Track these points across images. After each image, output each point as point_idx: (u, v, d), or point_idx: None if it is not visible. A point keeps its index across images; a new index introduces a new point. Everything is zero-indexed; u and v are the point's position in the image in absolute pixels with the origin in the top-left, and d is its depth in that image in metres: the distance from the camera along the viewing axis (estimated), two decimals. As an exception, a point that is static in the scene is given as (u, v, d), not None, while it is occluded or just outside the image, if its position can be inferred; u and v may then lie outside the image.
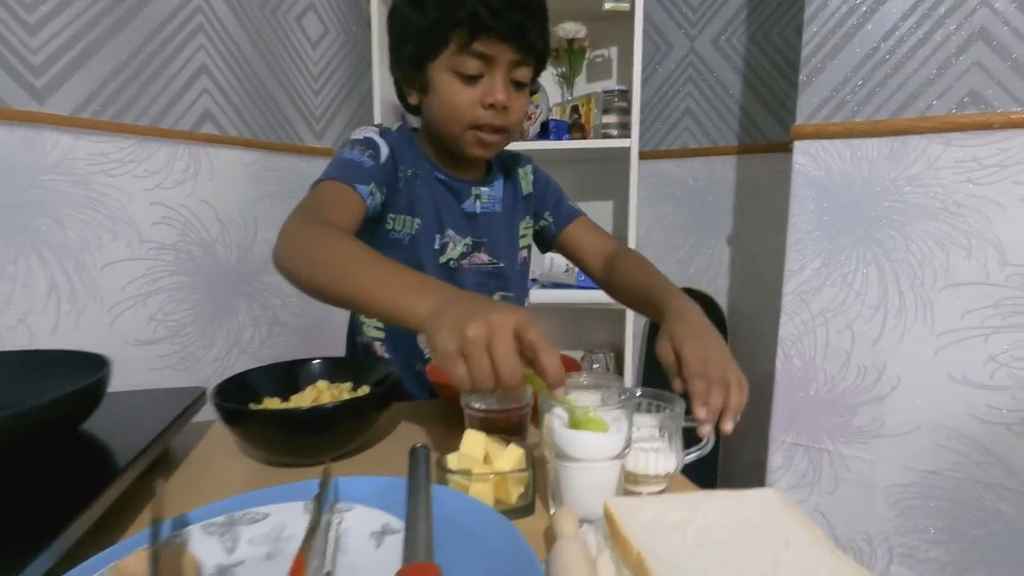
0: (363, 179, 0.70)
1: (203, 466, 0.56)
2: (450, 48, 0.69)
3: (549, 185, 0.92)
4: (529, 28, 0.68)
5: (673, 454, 0.49)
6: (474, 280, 0.82)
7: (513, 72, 0.70)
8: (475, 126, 0.71)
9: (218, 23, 1.22)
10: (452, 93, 0.70)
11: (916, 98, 0.94)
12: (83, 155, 1.01)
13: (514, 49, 0.68)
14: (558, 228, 0.90)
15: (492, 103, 0.69)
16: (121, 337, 1.09)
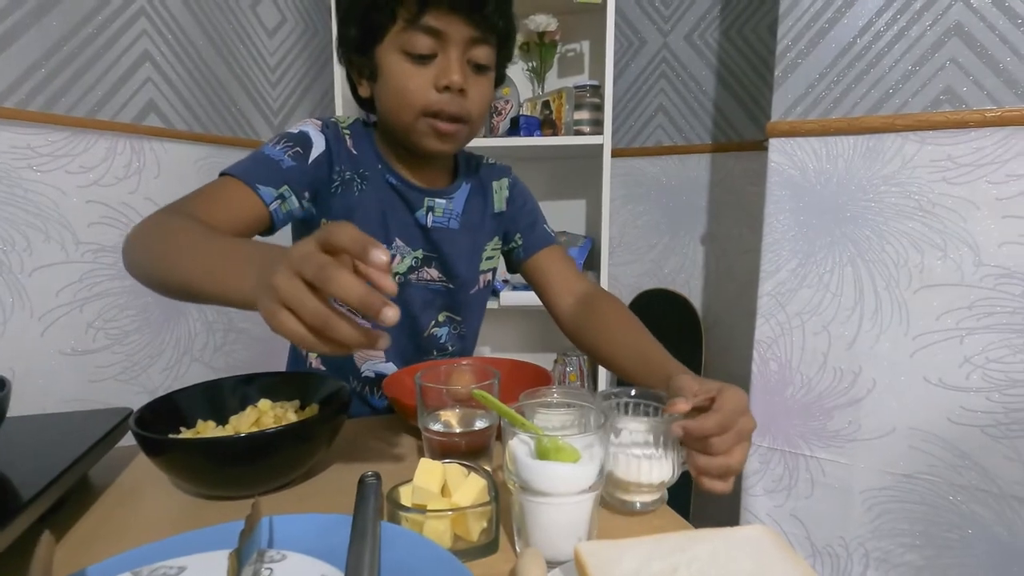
0: (271, 180, 0.61)
1: (124, 500, 0.50)
2: (397, 25, 0.62)
3: (526, 204, 0.83)
4: (485, 1, 0.61)
5: (668, 462, 0.44)
6: (420, 297, 0.74)
7: (470, 52, 0.63)
8: (429, 113, 0.63)
9: (163, 8, 1.14)
10: (402, 76, 0.62)
11: (892, 95, 0.93)
12: (6, 148, 0.92)
13: (469, 24, 0.61)
14: (527, 253, 0.81)
15: (447, 84, 0.62)
16: (55, 347, 1.00)
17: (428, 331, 0.77)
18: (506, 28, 0.66)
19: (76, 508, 0.48)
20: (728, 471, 0.45)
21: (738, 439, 0.45)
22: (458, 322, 0.79)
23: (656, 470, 0.44)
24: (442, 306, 0.77)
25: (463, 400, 0.50)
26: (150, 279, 0.50)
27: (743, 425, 0.46)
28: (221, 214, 0.57)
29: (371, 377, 0.75)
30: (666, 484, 0.45)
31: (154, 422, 0.50)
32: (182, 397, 0.55)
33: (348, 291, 0.33)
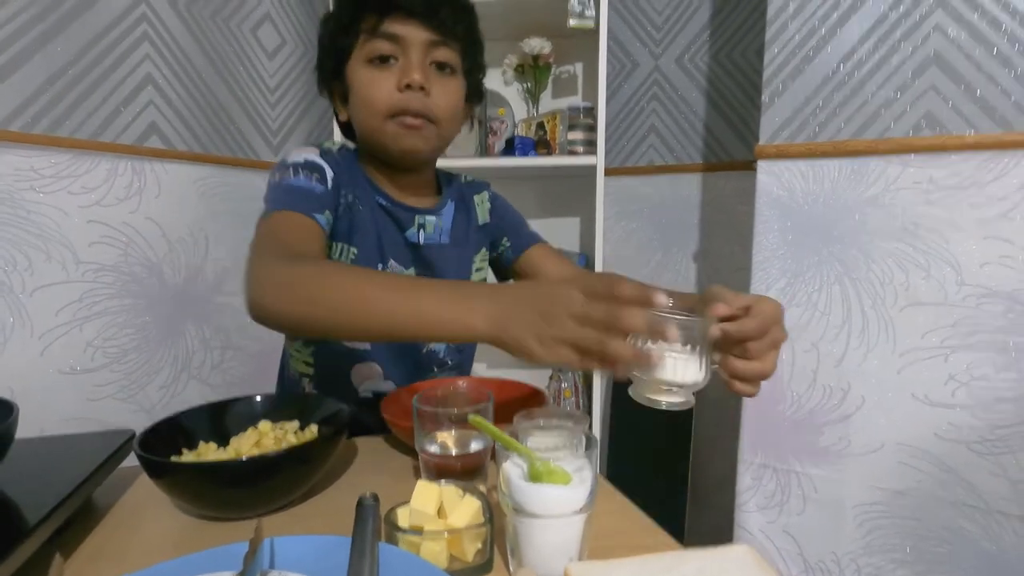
0: (318, 207, 0.65)
1: (127, 521, 0.51)
2: (360, 39, 0.67)
3: (508, 210, 0.88)
4: (439, 5, 0.66)
5: (699, 364, 0.45)
6: None
7: (432, 53, 0.68)
8: (395, 113, 0.67)
9: (165, 32, 1.16)
10: (367, 83, 0.67)
11: (875, 120, 0.96)
12: (10, 171, 0.94)
13: (427, 28, 0.66)
14: (516, 253, 0.85)
15: (408, 83, 0.65)
16: (54, 366, 1.01)
17: (427, 347, 0.79)
18: (466, 33, 0.70)
19: (81, 529, 0.49)
20: (762, 375, 0.47)
21: (772, 346, 0.47)
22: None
23: (687, 371, 0.44)
24: None
25: (459, 422, 0.51)
26: (325, 327, 0.50)
27: (776, 334, 0.47)
28: (312, 246, 0.62)
29: (369, 398, 0.77)
30: (695, 387, 0.45)
31: (157, 444, 0.51)
32: (184, 418, 0.56)
33: (640, 324, 0.39)
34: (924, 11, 0.90)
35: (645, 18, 1.53)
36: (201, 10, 1.24)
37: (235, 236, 1.33)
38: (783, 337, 0.48)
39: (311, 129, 1.56)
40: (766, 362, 0.47)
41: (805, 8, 0.98)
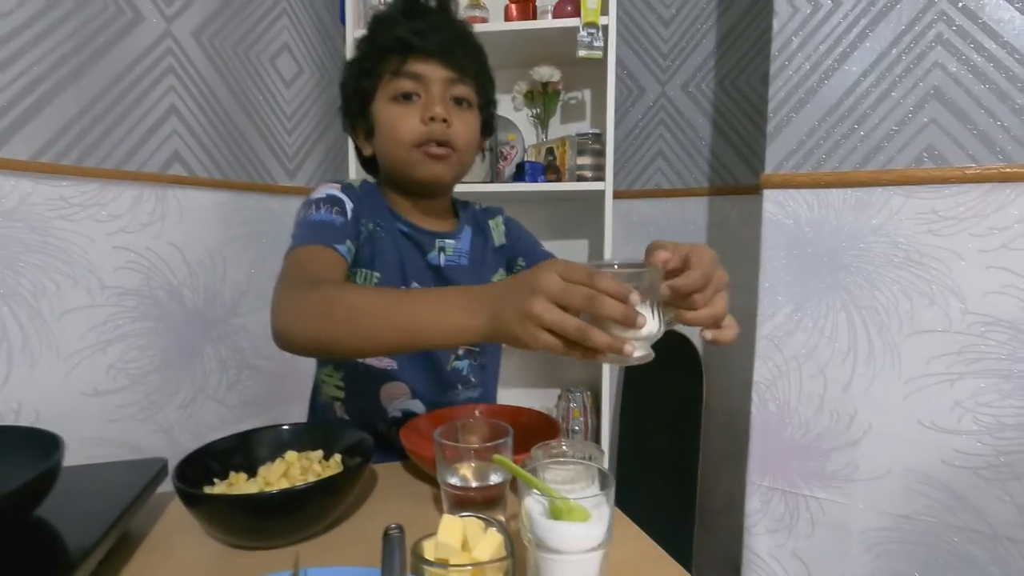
0: (339, 238, 0.70)
1: (162, 548, 0.53)
2: (385, 78, 0.74)
3: (521, 233, 0.93)
4: (454, 47, 0.74)
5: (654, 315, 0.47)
6: None
7: (450, 90, 0.74)
8: (420, 143, 0.73)
9: (189, 64, 1.21)
10: (393, 118, 0.73)
11: (877, 151, 0.98)
12: (42, 200, 0.98)
13: (444, 66, 0.73)
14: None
15: (432, 116, 0.72)
16: (78, 388, 1.04)
17: (450, 365, 0.82)
18: (478, 71, 0.77)
19: (118, 558, 0.51)
20: (715, 318, 0.51)
21: (716, 290, 0.50)
22: (477, 353, 0.85)
23: (647, 325, 0.46)
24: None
25: (478, 455, 0.53)
26: (342, 347, 0.54)
27: (719, 278, 0.51)
28: (331, 273, 0.66)
29: (398, 417, 0.79)
30: (651, 338, 0.48)
31: (190, 473, 0.53)
32: (215, 447, 0.58)
33: (615, 311, 0.42)
34: (924, 48, 0.93)
35: (652, 47, 1.57)
36: (223, 42, 1.29)
37: (252, 258, 1.37)
38: (726, 279, 0.52)
39: (325, 153, 1.60)
40: (716, 306, 0.50)
41: (808, 44, 1.01)
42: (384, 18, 0.76)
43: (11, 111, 0.93)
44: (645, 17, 1.57)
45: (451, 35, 0.75)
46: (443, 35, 0.73)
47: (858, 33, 0.98)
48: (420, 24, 0.73)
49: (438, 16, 0.76)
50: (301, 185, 1.51)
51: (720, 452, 1.58)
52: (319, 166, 1.58)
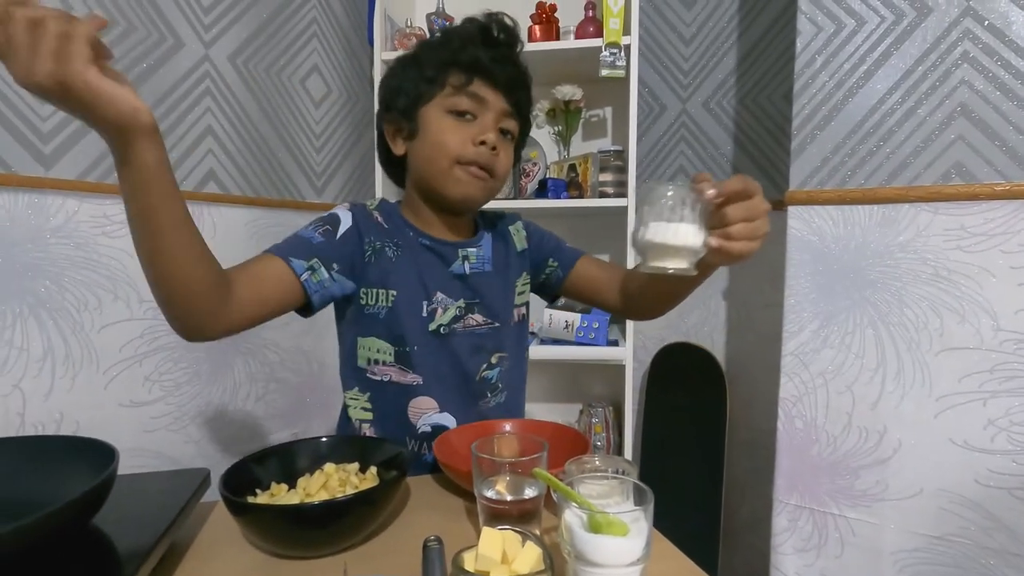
0: (302, 254, 0.70)
1: (208, 556, 0.55)
2: (446, 90, 0.75)
3: (544, 235, 0.94)
4: (518, 85, 0.77)
5: (697, 228, 0.51)
6: (469, 343, 0.81)
7: (503, 121, 0.76)
8: (464, 161, 0.74)
9: (225, 86, 1.25)
10: (444, 130, 0.75)
11: (904, 168, 0.98)
12: (86, 218, 1.02)
13: (505, 98, 0.75)
14: (565, 271, 0.90)
15: (484, 140, 0.73)
16: (115, 399, 1.07)
17: (480, 375, 0.82)
18: (527, 112, 0.81)
19: (167, 567, 0.53)
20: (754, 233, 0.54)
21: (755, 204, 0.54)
22: (506, 358, 0.86)
23: (688, 234, 0.50)
24: (492, 348, 0.83)
25: (513, 468, 0.54)
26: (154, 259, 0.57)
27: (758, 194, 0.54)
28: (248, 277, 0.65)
29: (428, 432, 0.80)
30: (696, 251, 0.51)
31: (235, 482, 0.55)
32: (258, 458, 0.60)
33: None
34: (950, 66, 0.94)
35: (673, 65, 1.59)
36: (257, 65, 1.33)
37: (281, 274, 1.40)
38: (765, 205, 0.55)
39: (352, 171, 1.64)
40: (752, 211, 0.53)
41: (832, 62, 1.02)
42: (463, 35, 0.76)
43: (60, 133, 0.98)
44: (666, 36, 1.59)
45: (517, 74, 0.77)
46: (511, 71, 0.76)
47: (883, 52, 0.99)
48: (496, 52, 0.75)
49: (509, 51, 0.78)
50: (328, 202, 1.55)
51: (744, 469, 1.56)
52: (345, 183, 1.62)
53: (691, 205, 0.51)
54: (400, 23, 1.57)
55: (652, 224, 0.51)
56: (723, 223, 0.53)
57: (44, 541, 0.43)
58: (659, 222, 0.51)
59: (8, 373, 0.93)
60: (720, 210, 0.53)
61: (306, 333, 1.49)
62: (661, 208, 0.51)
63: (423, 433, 0.80)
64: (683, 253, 0.51)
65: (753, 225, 0.53)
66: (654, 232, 0.51)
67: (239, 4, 1.28)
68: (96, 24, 0.43)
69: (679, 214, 0.51)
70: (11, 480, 0.51)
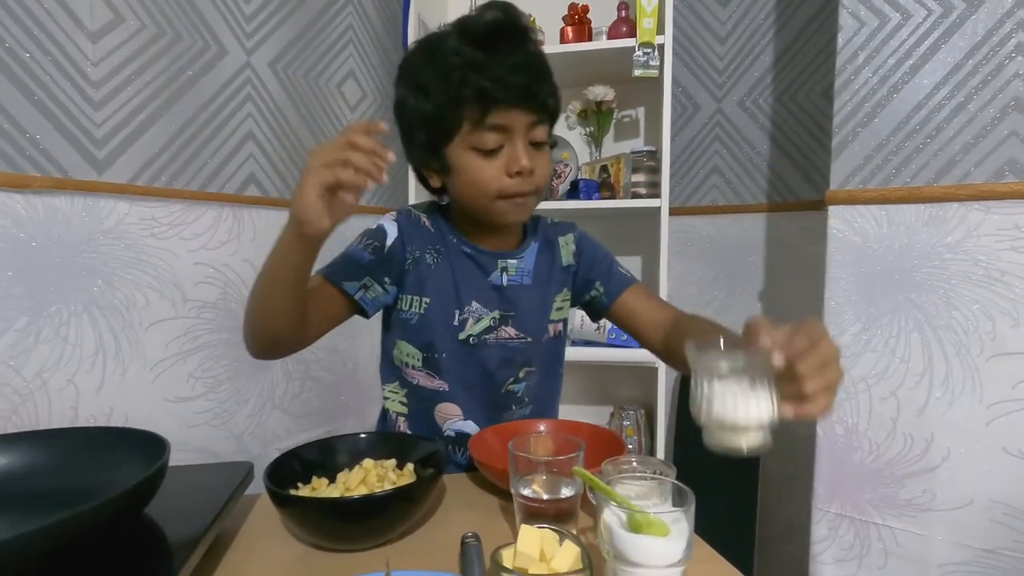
0: (354, 276, 0.73)
1: (251, 547, 0.56)
2: (464, 127, 0.69)
3: (597, 253, 0.88)
4: (537, 88, 0.69)
5: (767, 398, 0.45)
6: (499, 355, 0.81)
7: (530, 134, 0.71)
8: (503, 196, 0.72)
9: (265, 92, 1.29)
10: (475, 170, 0.71)
11: (952, 166, 0.95)
12: (136, 220, 1.06)
13: (527, 112, 0.69)
14: (610, 299, 0.86)
15: (518, 171, 0.70)
16: (162, 394, 1.11)
17: (505, 387, 0.82)
18: (555, 104, 0.74)
19: (214, 556, 0.54)
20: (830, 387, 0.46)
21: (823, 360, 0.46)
22: (534, 372, 0.84)
23: (760, 408, 0.44)
24: (522, 362, 0.82)
25: (549, 467, 0.54)
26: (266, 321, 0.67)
27: (827, 347, 0.46)
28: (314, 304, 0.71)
29: (452, 436, 0.81)
30: (768, 424, 0.45)
31: (278, 476, 0.57)
32: (300, 453, 0.62)
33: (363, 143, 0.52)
34: (1003, 59, 0.90)
35: (708, 63, 1.57)
36: (296, 71, 1.37)
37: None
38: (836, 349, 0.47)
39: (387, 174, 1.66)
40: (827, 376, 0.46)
41: (875, 57, 0.99)
42: (454, 59, 0.67)
43: (113, 138, 1.02)
44: (700, 35, 1.57)
45: (532, 75, 0.68)
46: (522, 78, 0.67)
47: (930, 45, 0.95)
48: (498, 68, 0.66)
49: (513, 49, 0.68)
50: (364, 205, 1.58)
51: (780, 476, 1.53)
52: (378, 187, 1.64)
53: (758, 376, 0.45)
54: (433, 26, 1.59)
55: (717, 401, 0.46)
56: (795, 382, 0.46)
57: (100, 528, 0.45)
58: (724, 399, 0.45)
59: (63, 368, 0.97)
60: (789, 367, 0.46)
61: (340, 334, 1.51)
62: (725, 383, 0.46)
63: (448, 436, 0.81)
64: (754, 428, 0.46)
65: (828, 379, 0.46)
66: (721, 410, 0.45)
67: (279, 12, 1.32)
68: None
69: (745, 388, 0.45)
70: (69, 470, 0.54)
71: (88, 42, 0.97)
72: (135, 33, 1.04)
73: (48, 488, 0.52)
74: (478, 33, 0.68)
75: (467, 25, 0.69)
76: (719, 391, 0.46)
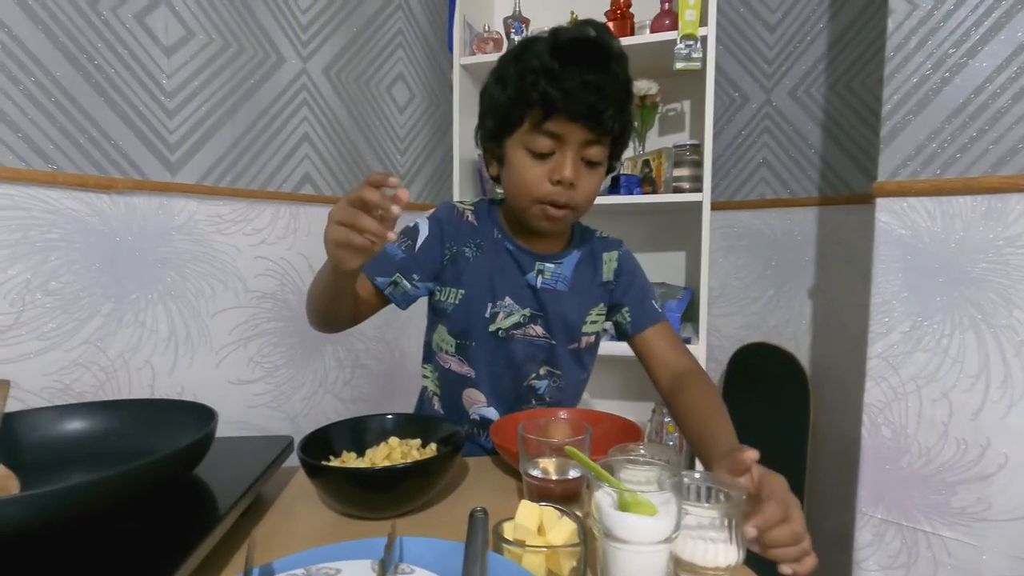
0: (386, 271, 0.79)
1: (287, 512, 0.62)
2: (524, 126, 0.72)
3: (635, 280, 0.88)
4: (603, 109, 0.69)
5: (734, 545, 0.47)
6: (523, 351, 0.83)
7: (585, 151, 0.72)
8: (542, 201, 0.74)
9: (320, 97, 1.38)
10: (523, 168, 0.74)
11: (1014, 154, 0.89)
12: (204, 217, 1.16)
13: (586, 129, 0.70)
14: (634, 330, 0.86)
15: (560, 180, 0.71)
16: (225, 377, 1.22)
17: (528, 381, 0.85)
18: (622, 128, 0.74)
19: (254, 517, 0.61)
20: (803, 552, 0.51)
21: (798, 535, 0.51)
22: (558, 376, 0.86)
23: (722, 554, 0.46)
24: (544, 360, 0.85)
25: (559, 450, 0.57)
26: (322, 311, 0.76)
27: (795, 512, 0.51)
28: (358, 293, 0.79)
29: (477, 420, 0.85)
30: (733, 568, 0.47)
31: (313, 448, 0.62)
32: (332, 431, 0.67)
33: (370, 196, 0.54)
34: (1073, 37, 0.83)
35: (756, 53, 1.53)
36: (348, 75, 1.45)
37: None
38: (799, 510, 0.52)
39: (432, 172, 1.72)
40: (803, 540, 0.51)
41: (929, 41, 0.94)
42: (537, 66, 0.70)
43: (185, 143, 1.13)
44: (749, 24, 1.53)
45: (600, 95, 0.68)
46: (591, 97, 0.68)
47: (990, 26, 0.90)
48: (571, 80, 0.67)
49: (591, 66, 0.69)
50: (412, 201, 1.65)
51: (830, 482, 1.47)
52: (427, 183, 1.71)
53: (730, 520, 0.46)
54: (478, 28, 1.63)
55: (681, 540, 0.45)
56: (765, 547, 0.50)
57: (156, 484, 0.51)
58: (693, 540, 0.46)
59: (141, 350, 1.09)
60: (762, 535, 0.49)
61: (388, 324, 1.60)
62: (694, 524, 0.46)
63: (473, 420, 0.85)
64: (720, 571, 0.46)
65: (799, 548, 0.50)
66: (682, 550, 0.46)
67: (333, 20, 1.40)
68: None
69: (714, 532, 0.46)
70: (135, 435, 0.61)
71: (163, 56, 1.08)
72: (204, 46, 1.14)
73: (117, 449, 0.60)
74: (563, 44, 0.71)
75: (559, 35, 0.72)
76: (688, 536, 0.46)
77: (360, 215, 0.54)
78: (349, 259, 0.58)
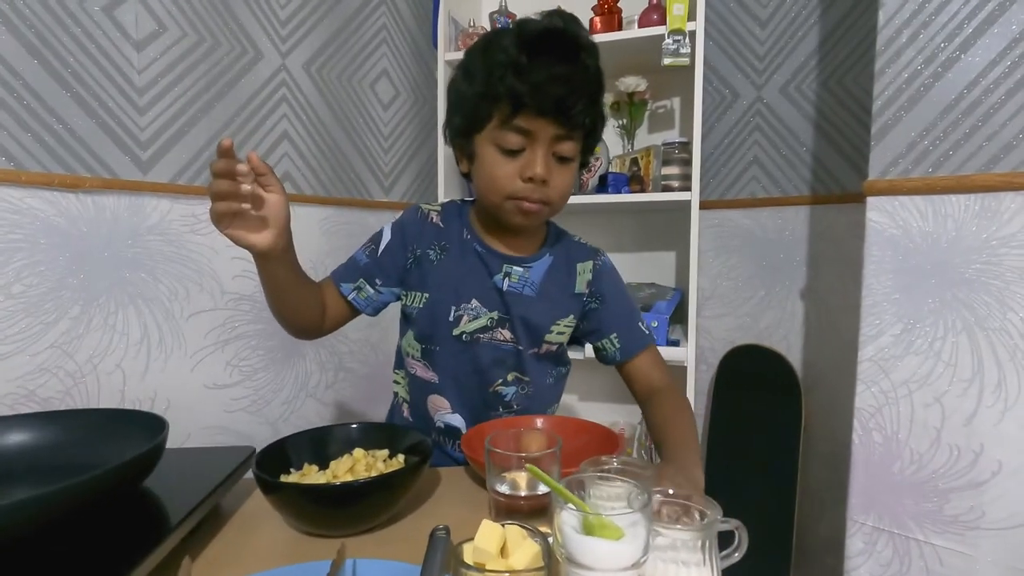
0: (350, 277, 0.80)
1: (246, 528, 0.59)
2: (493, 122, 0.70)
3: (617, 299, 0.84)
4: (572, 103, 0.67)
5: (708, 568, 0.44)
6: (490, 356, 0.80)
7: (555, 147, 0.70)
8: (514, 197, 0.72)
9: (300, 94, 1.34)
10: (493, 165, 0.71)
11: (1009, 151, 0.86)
12: (178, 217, 1.13)
13: (555, 124, 0.68)
14: (624, 356, 0.83)
15: (531, 176, 0.69)
16: (201, 381, 1.18)
17: (494, 387, 0.82)
18: (592, 122, 0.72)
19: (208, 534, 0.58)
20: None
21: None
22: (526, 382, 0.83)
23: None
24: (512, 366, 0.82)
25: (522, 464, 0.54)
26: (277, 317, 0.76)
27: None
28: (326, 299, 0.80)
29: (442, 428, 0.83)
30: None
31: (271, 463, 0.59)
32: (293, 441, 0.64)
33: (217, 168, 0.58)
34: (1069, 30, 0.81)
35: (747, 49, 1.50)
36: (330, 72, 1.41)
37: (350, 269, 1.48)
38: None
39: (418, 171, 1.69)
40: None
41: (921, 35, 0.91)
42: (500, 56, 0.68)
43: (157, 141, 1.09)
44: (739, 19, 1.50)
45: (569, 89, 0.67)
46: (560, 90, 0.66)
47: (984, 18, 0.87)
48: (539, 74, 0.65)
49: (559, 59, 0.67)
50: (396, 200, 1.62)
51: (822, 485, 1.44)
52: (412, 182, 1.68)
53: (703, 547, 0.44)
54: (464, 24, 1.60)
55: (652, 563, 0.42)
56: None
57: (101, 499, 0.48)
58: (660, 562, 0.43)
59: (112, 354, 1.05)
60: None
61: (372, 327, 1.57)
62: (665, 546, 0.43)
63: (439, 427, 0.83)
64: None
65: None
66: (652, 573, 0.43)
67: (314, 15, 1.36)
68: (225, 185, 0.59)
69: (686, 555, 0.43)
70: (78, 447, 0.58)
71: (133, 51, 1.04)
72: (177, 41, 1.10)
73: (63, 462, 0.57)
74: (530, 37, 0.68)
75: (525, 27, 0.70)
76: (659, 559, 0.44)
77: (216, 183, 0.58)
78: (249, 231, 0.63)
